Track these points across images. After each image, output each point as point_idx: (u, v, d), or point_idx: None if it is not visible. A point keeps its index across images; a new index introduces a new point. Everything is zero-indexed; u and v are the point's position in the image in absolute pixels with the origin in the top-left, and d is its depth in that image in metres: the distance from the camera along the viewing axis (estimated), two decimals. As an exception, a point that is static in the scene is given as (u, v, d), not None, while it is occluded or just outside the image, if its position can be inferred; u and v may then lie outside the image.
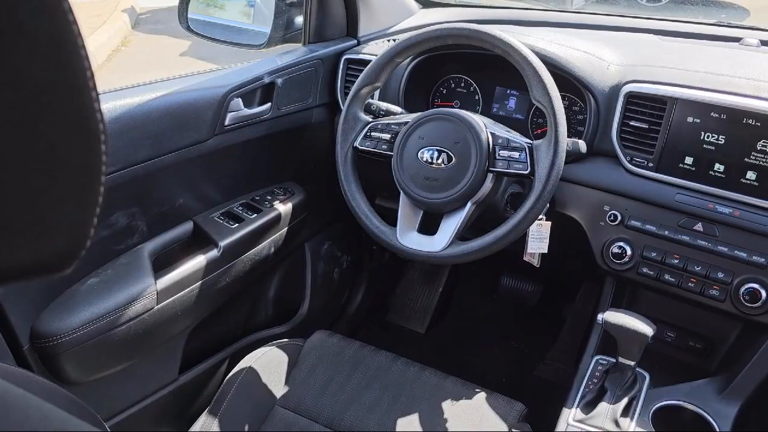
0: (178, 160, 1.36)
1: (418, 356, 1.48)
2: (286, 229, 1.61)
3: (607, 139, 1.34)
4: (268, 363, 1.37)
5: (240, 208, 1.54)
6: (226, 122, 1.45)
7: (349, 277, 2.09)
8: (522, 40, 1.26)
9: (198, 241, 1.43)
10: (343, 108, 1.40)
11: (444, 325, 2.28)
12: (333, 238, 1.94)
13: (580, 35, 1.54)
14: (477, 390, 1.31)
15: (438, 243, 1.28)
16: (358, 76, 1.39)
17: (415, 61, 1.56)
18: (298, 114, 1.65)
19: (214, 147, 1.43)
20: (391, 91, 1.58)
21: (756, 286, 1.22)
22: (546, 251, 1.38)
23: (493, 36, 1.24)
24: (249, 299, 1.72)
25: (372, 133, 1.37)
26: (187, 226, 1.44)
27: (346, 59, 1.67)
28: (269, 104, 1.55)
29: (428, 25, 1.39)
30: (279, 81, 1.55)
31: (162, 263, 1.33)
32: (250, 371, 1.34)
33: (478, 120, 1.28)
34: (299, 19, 1.72)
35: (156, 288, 1.27)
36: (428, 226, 1.33)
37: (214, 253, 1.40)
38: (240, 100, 1.47)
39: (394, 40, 1.67)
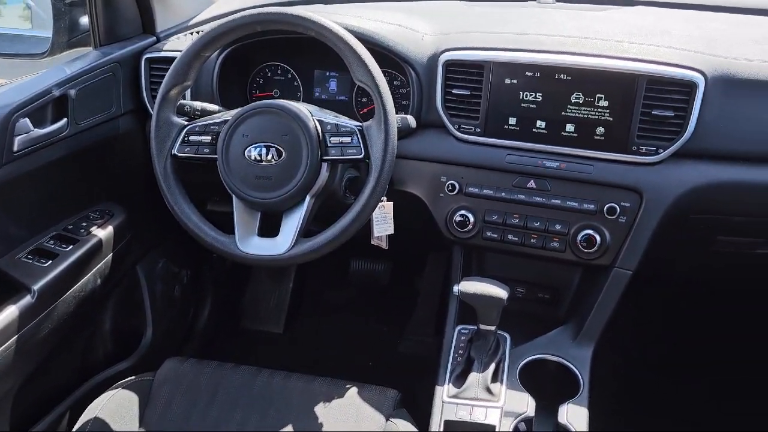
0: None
1: (281, 359, 1.40)
2: (110, 255, 1.45)
3: (433, 110, 1.34)
4: (117, 408, 1.22)
5: (51, 242, 1.35)
6: (15, 148, 1.25)
7: (193, 291, 1.95)
8: (334, 20, 1.20)
9: (4, 290, 1.23)
10: (153, 113, 1.26)
11: (301, 320, 2.21)
12: (167, 254, 1.79)
13: (389, 8, 1.52)
14: (348, 386, 1.27)
15: (282, 244, 1.20)
16: (164, 76, 1.25)
17: (225, 52, 1.45)
18: (101, 126, 1.47)
19: (4, 179, 1.23)
20: (204, 88, 1.46)
21: (591, 232, 1.29)
22: (392, 232, 1.36)
23: (305, 18, 1.17)
24: (81, 339, 1.53)
25: (190, 138, 1.25)
26: (-13, 275, 1.23)
27: (147, 59, 1.52)
28: (65, 120, 1.36)
29: (233, 12, 1.29)
30: (72, 92, 1.37)
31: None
32: (97, 422, 1.19)
33: (303, 108, 1.21)
34: (85, 19, 1.52)
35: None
36: (269, 228, 1.24)
37: (27, 299, 1.22)
38: (27, 120, 1.27)
39: (198, 33, 1.54)
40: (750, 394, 1.86)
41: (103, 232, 1.42)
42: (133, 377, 1.31)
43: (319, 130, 1.19)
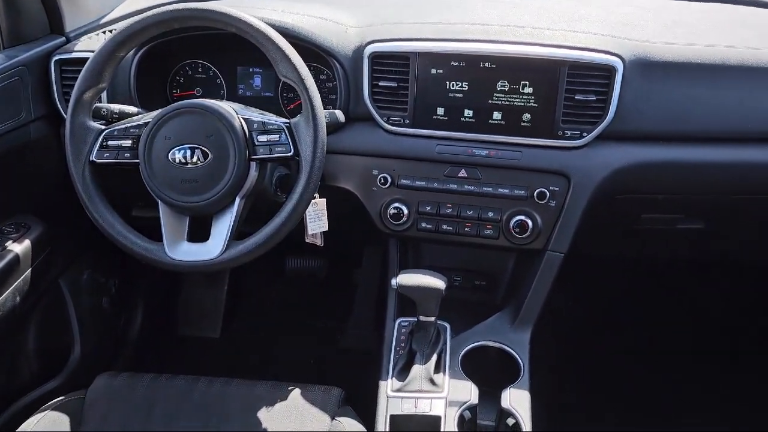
0: None
1: (220, 365, 1.36)
2: (29, 270, 1.37)
3: (361, 104, 1.33)
4: (47, 430, 1.16)
5: (-39, 260, 1.27)
6: None
7: (122, 301, 1.88)
8: (255, 14, 1.17)
9: None
10: (67, 118, 1.19)
11: (239, 322, 2.16)
12: (91, 265, 1.71)
13: (310, 1, 1.49)
14: (290, 387, 1.24)
15: (213, 248, 1.16)
16: (77, 78, 1.19)
17: (142, 51, 1.39)
18: (10, 134, 1.38)
19: None
20: (121, 89, 1.39)
21: (523, 217, 1.31)
22: (327, 228, 1.34)
23: (224, 14, 1.13)
24: (4, 361, 1.44)
25: (109, 142, 1.19)
26: None
27: (57, 61, 1.44)
28: (-32, 129, 1.28)
29: (147, 9, 1.23)
30: (-25, 100, 1.28)
31: None
32: (25, 448, 1.12)
33: (227, 107, 1.17)
34: (-15, 21, 1.43)
35: None
36: (199, 232, 1.20)
37: (-63, 324, 1.14)
38: (-77, 132, 1.19)
39: (111, 32, 1.47)
40: (683, 365, 1.94)
41: (19, 247, 1.35)
42: (62, 397, 1.24)
43: (246, 129, 1.16)
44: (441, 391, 1.19)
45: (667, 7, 1.52)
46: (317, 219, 1.32)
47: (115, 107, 1.28)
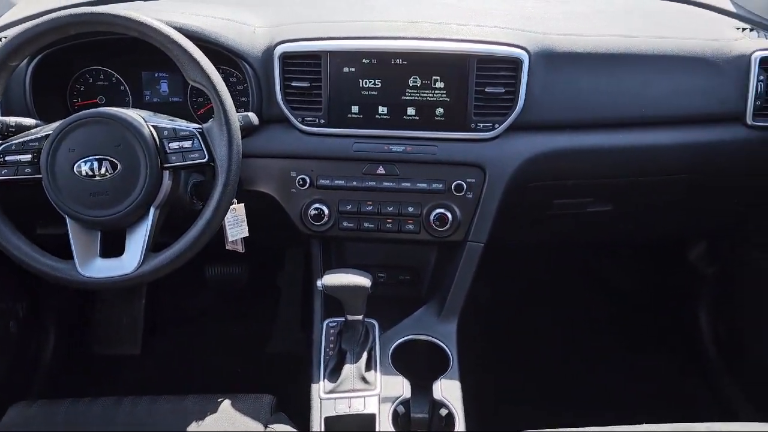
0: None
1: (144, 383, 1.31)
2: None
3: (274, 105, 1.31)
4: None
5: None
6: None
7: (33, 325, 1.77)
8: (158, 17, 1.13)
9: None
10: None
11: (159, 336, 2.09)
12: (-6, 288, 1.60)
13: (213, 2, 1.46)
14: (220, 399, 1.21)
15: (129, 263, 1.12)
16: None
17: (37, 59, 1.31)
18: None
19: None
20: (16, 100, 1.31)
21: (442, 210, 1.33)
22: (247, 234, 1.32)
23: (124, 17, 1.09)
24: None
25: (6, 158, 1.12)
26: None
27: None
28: None
29: (39, 14, 1.16)
30: None
31: None
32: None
33: (134, 115, 1.13)
34: None
35: None
36: (113, 247, 1.15)
37: None
38: None
39: (1, 39, 1.38)
40: (599, 343, 2.03)
41: None
42: None
43: (156, 137, 1.12)
44: (373, 389, 1.19)
45: (564, 0, 1.58)
46: (237, 225, 1.29)
47: (11, 120, 1.20)
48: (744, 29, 1.44)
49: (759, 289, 1.62)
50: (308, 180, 1.33)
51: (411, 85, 1.28)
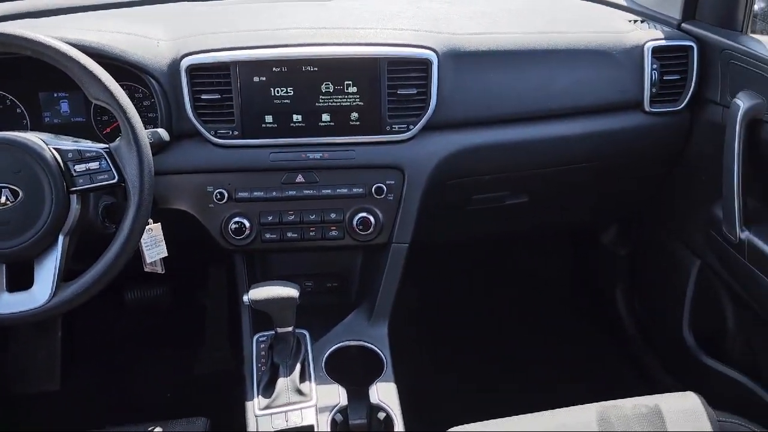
0: None
1: (67, 418, 1.25)
2: None
3: (185, 119, 1.27)
4: None
5: None
6: None
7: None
8: (53, 34, 1.07)
9: None
10: None
11: (80, 368, 1.98)
12: None
13: (110, 16, 1.41)
14: (150, 427, 1.17)
15: (40, 294, 1.06)
16: None
17: None
18: None
19: None
20: None
21: (365, 214, 1.33)
22: (166, 254, 1.27)
23: (16, 36, 1.03)
24: None
25: None
26: None
27: None
28: None
29: None
30: None
31: None
32: None
33: (34, 138, 1.07)
34: None
35: None
36: (21, 279, 1.08)
37: None
38: None
39: None
40: (528, 331, 2.09)
41: None
42: None
43: (60, 160, 1.06)
44: (310, 400, 1.18)
45: (467, 1, 1.62)
46: (154, 246, 1.24)
47: None
48: (635, 21, 1.52)
49: (667, 266, 1.71)
50: (226, 194, 1.30)
51: (324, 91, 1.28)
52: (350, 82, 1.27)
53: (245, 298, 1.19)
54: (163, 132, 1.22)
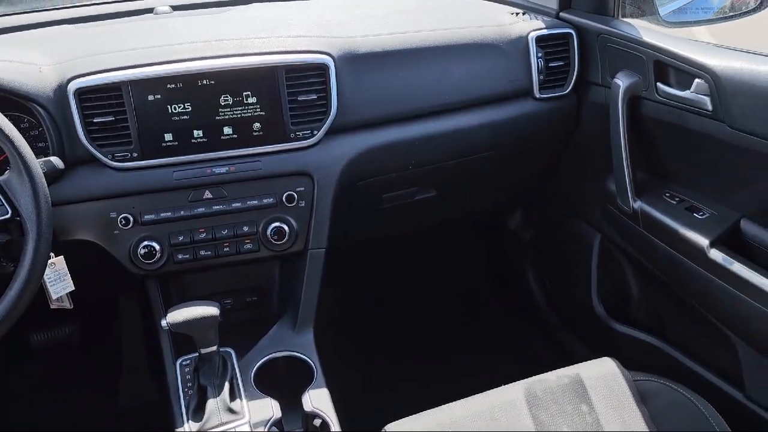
0: None
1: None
2: None
3: (78, 145, 1.22)
4: None
5: None
6: None
7: None
8: None
9: None
10: None
11: None
12: None
13: None
14: None
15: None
16: None
17: None
18: None
19: None
20: None
21: (278, 224, 1.32)
22: (73, 288, 1.21)
23: None
24: None
25: None
26: None
27: None
28: None
29: None
30: None
31: None
32: None
33: None
34: None
35: None
36: None
37: None
38: None
39: None
40: (449, 324, 2.14)
41: None
42: None
43: None
44: (242, 417, 1.16)
45: (358, 3, 1.64)
46: (59, 281, 1.18)
47: None
48: (517, 14, 1.59)
49: (571, 243, 1.80)
50: (131, 218, 1.26)
51: (223, 104, 1.26)
52: (249, 93, 1.26)
53: (163, 322, 1.15)
54: (56, 160, 1.16)
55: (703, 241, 1.25)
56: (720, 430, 1.05)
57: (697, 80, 1.22)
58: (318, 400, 1.21)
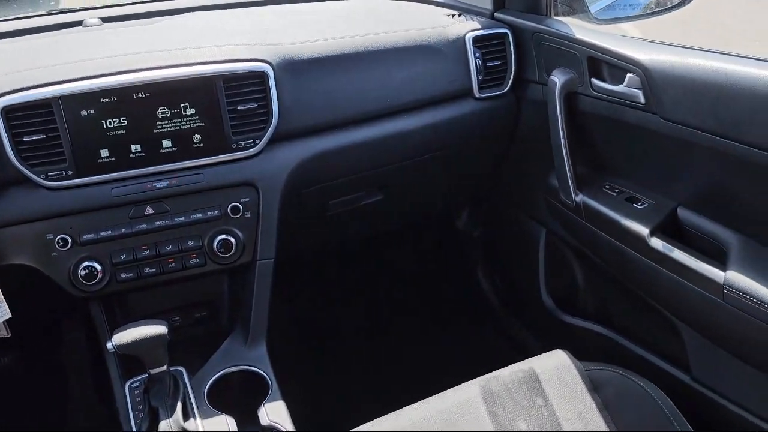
0: None
1: None
2: None
3: (8, 166, 1.16)
4: None
5: None
6: None
7: None
8: None
9: None
10: None
11: None
12: None
13: None
14: None
15: None
16: None
17: None
18: None
19: None
20: None
21: (224, 236, 1.30)
22: (9, 315, 1.16)
23: None
24: None
25: None
26: None
27: None
28: None
29: None
30: None
31: None
32: None
33: None
34: None
35: None
36: None
37: None
38: None
39: None
40: (407, 329, 2.14)
41: None
42: None
43: None
44: (197, 437, 1.13)
45: (296, 10, 1.63)
46: (-6, 308, 1.13)
47: None
48: (453, 15, 1.61)
49: (518, 239, 1.83)
50: (69, 239, 1.21)
51: (161, 116, 1.22)
52: (187, 104, 1.23)
53: (109, 344, 1.11)
54: None
55: (643, 230, 1.28)
56: (669, 412, 1.08)
57: (629, 74, 1.26)
58: (274, 413, 1.19)
